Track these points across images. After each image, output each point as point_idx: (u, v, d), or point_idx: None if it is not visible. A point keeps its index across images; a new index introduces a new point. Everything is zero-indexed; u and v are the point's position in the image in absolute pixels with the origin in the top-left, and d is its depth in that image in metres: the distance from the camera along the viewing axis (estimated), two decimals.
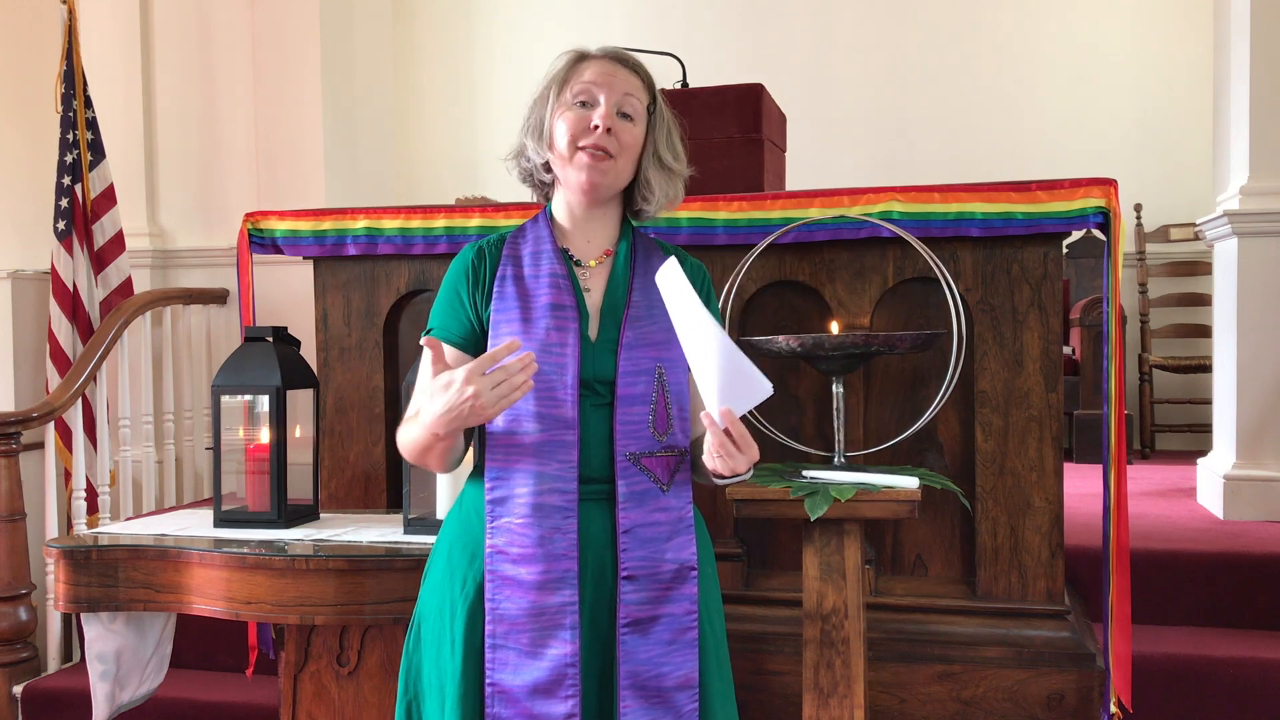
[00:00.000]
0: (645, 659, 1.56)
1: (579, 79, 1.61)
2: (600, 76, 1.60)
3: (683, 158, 1.69)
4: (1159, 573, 2.87)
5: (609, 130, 1.58)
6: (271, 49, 4.32)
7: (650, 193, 1.65)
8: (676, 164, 1.67)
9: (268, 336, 2.41)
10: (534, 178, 1.69)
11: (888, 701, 2.36)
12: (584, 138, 1.58)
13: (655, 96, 1.65)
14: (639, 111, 1.62)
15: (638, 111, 1.61)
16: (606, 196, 1.64)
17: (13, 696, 3.17)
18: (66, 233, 4.00)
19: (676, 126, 1.69)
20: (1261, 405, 3.37)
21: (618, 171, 1.61)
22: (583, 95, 1.60)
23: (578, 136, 1.59)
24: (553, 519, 1.54)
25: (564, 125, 1.60)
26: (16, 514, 3.24)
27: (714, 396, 1.42)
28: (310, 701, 2.22)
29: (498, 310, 1.60)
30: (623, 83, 1.61)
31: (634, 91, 1.61)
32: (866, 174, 4.88)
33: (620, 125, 1.59)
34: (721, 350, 1.40)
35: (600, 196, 1.63)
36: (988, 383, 2.39)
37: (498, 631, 1.55)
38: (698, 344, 1.43)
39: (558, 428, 1.55)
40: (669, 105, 1.69)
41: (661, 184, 1.65)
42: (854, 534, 2.01)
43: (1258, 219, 3.35)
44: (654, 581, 1.56)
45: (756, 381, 1.40)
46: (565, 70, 1.63)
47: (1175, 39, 5.34)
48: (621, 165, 1.61)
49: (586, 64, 1.63)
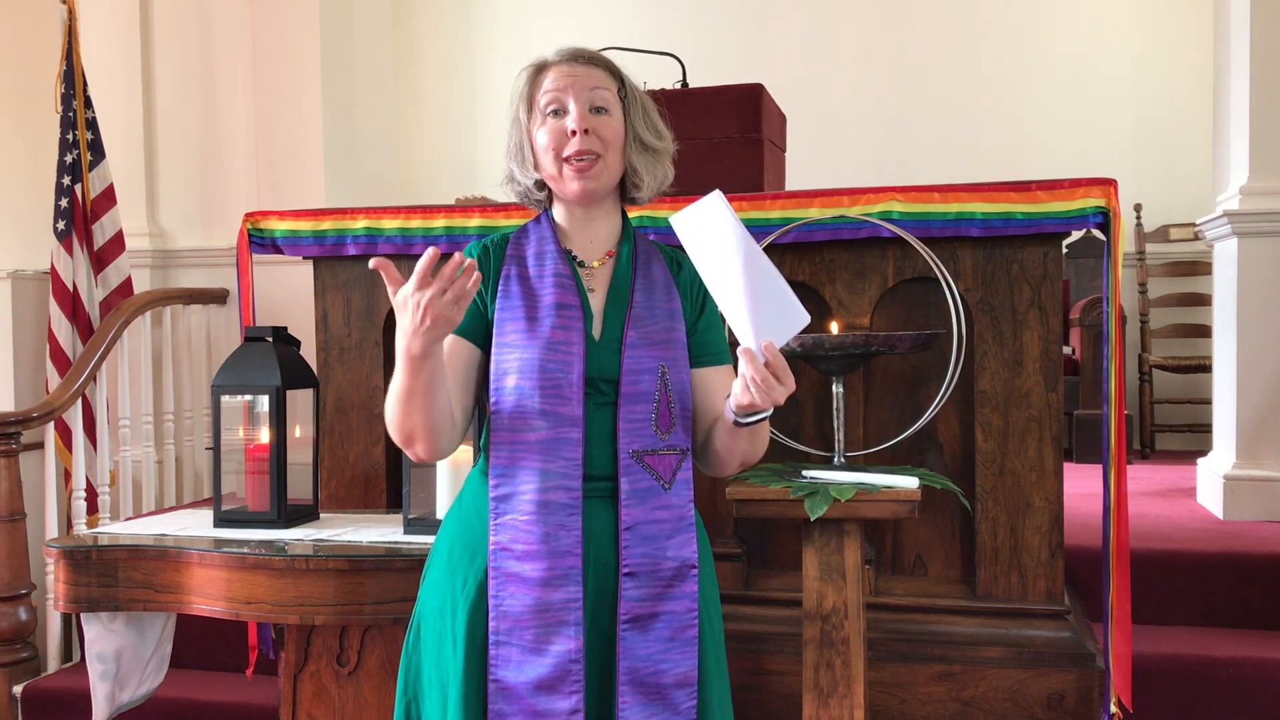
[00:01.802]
0: (645, 656, 1.56)
1: (543, 89, 1.61)
2: (563, 80, 1.60)
3: (665, 133, 1.68)
4: (1159, 573, 2.87)
5: (587, 131, 1.58)
6: (271, 49, 4.32)
7: (640, 179, 1.66)
8: (660, 142, 1.66)
9: (268, 336, 2.41)
10: (529, 197, 1.70)
11: (888, 701, 2.36)
12: (565, 147, 1.59)
13: (622, 80, 1.65)
14: (611, 102, 1.61)
15: (609, 102, 1.61)
16: (603, 196, 1.65)
17: (13, 696, 3.17)
18: (66, 233, 4.00)
19: (651, 103, 1.68)
20: (1261, 405, 3.37)
21: (608, 168, 1.61)
22: (552, 104, 1.60)
23: (559, 148, 1.59)
24: (557, 516, 1.54)
25: (543, 141, 1.61)
26: (16, 514, 3.24)
27: (749, 328, 1.43)
28: (310, 701, 2.22)
29: (502, 309, 1.61)
30: (586, 79, 1.60)
31: (600, 84, 1.61)
32: (866, 174, 4.89)
33: (597, 122, 1.59)
34: (765, 274, 1.40)
35: (597, 198, 1.64)
36: (988, 383, 2.39)
37: (501, 628, 1.55)
38: (733, 274, 1.42)
39: (563, 425, 1.55)
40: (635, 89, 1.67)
41: (649, 167, 1.65)
42: (854, 534, 2.01)
43: (1258, 219, 3.35)
44: (655, 579, 1.57)
45: (795, 309, 1.41)
46: (528, 85, 1.64)
47: (1175, 39, 5.34)
48: (610, 160, 1.61)
49: (546, 72, 1.63)
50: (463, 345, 1.61)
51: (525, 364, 1.56)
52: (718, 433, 1.62)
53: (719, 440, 1.62)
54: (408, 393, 1.49)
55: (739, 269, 1.42)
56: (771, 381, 1.43)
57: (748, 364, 1.43)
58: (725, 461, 1.64)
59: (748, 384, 1.44)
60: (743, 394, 1.46)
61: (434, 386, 1.49)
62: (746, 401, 1.46)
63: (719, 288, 1.47)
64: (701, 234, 1.47)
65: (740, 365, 1.44)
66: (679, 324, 1.64)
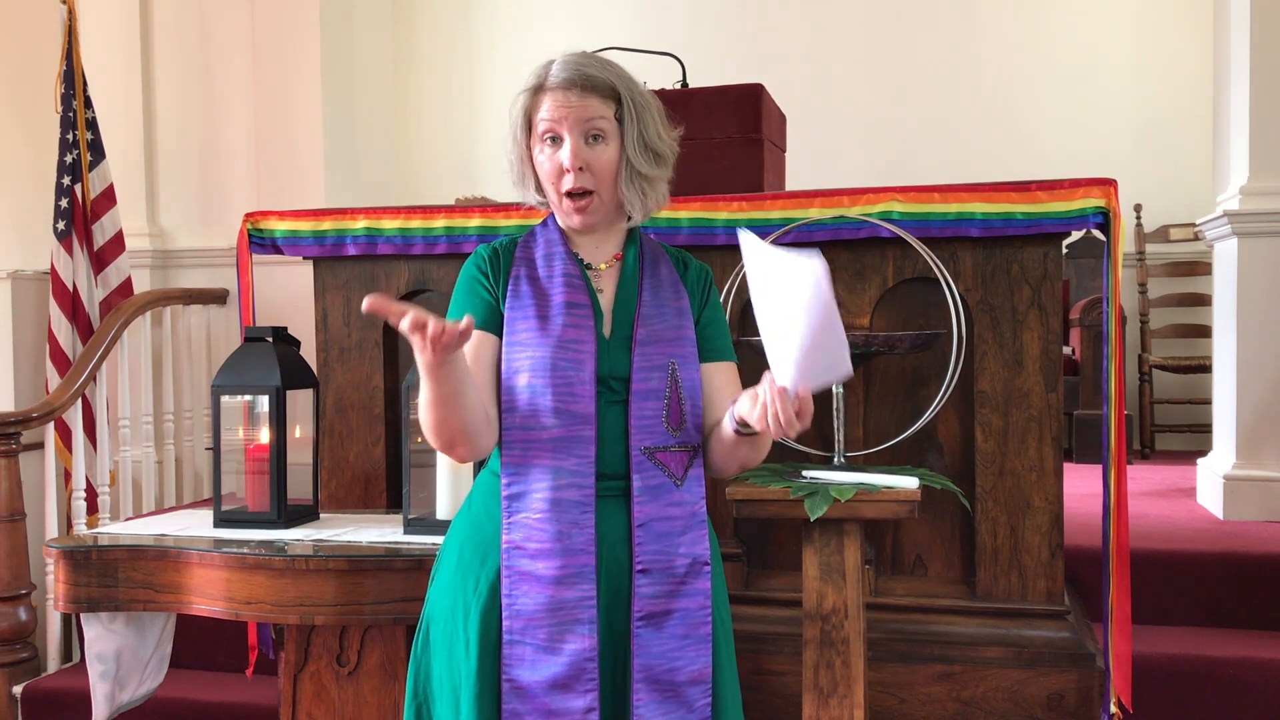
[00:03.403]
0: (659, 653, 1.56)
1: (540, 115, 1.61)
2: (558, 111, 1.59)
3: (664, 151, 1.64)
4: (1159, 573, 2.87)
5: (581, 169, 1.58)
6: (271, 49, 4.32)
7: (632, 209, 1.65)
8: (654, 170, 1.63)
9: (268, 337, 2.41)
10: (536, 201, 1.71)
11: (888, 701, 2.36)
12: (560, 183, 1.60)
13: (620, 99, 1.60)
14: (607, 129, 1.59)
15: (606, 130, 1.59)
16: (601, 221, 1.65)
17: (13, 696, 3.17)
18: (66, 233, 4.00)
19: (654, 111, 1.64)
20: (1261, 405, 3.37)
21: (603, 202, 1.62)
22: (548, 132, 1.60)
23: (555, 181, 1.61)
24: (570, 514, 1.55)
25: (544, 168, 1.62)
26: (16, 514, 3.24)
27: (793, 369, 1.40)
28: (310, 701, 2.22)
29: (513, 309, 1.61)
30: (580, 110, 1.58)
31: (596, 113, 1.58)
32: (866, 174, 4.88)
33: (591, 154, 1.58)
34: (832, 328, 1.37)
35: (595, 226, 1.65)
36: (988, 383, 2.39)
37: (515, 628, 1.55)
38: (799, 319, 1.39)
39: (576, 423, 1.56)
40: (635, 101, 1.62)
41: (638, 197, 1.63)
42: (854, 534, 2.01)
43: (1258, 219, 3.35)
44: (668, 576, 1.58)
45: (845, 362, 1.39)
46: (526, 107, 1.63)
47: (1175, 39, 5.34)
48: (604, 194, 1.61)
49: (544, 96, 1.61)
50: (488, 340, 1.61)
51: (537, 363, 1.56)
52: (717, 437, 1.62)
53: (719, 444, 1.62)
54: (438, 399, 1.49)
55: (808, 320, 1.38)
56: (793, 421, 1.42)
57: (778, 401, 1.41)
58: (724, 464, 1.65)
59: (767, 414, 1.42)
60: (758, 421, 1.44)
61: (462, 389, 1.49)
62: (761, 429, 1.45)
63: (772, 318, 1.43)
64: (774, 265, 1.43)
65: (765, 393, 1.42)
66: (688, 322, 1.65)
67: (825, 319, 1.37)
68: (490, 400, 1.59)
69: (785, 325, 1.41)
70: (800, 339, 1.39)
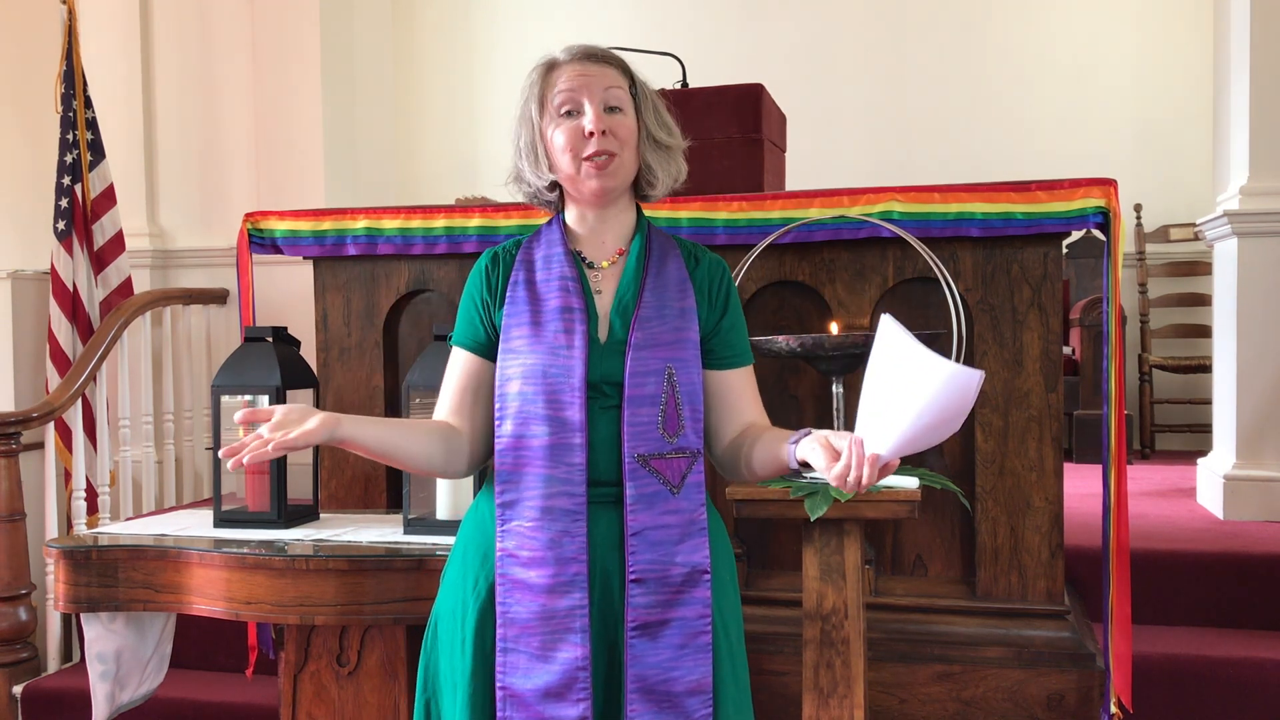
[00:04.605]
0: (654, 664, 1.54)
1: (556, 89, 1.60)
2: (577, 80, 1.59)
3: (675, 129, 1.67)
4: (1159, 573, 2.87)
5: (604, 132, 1.57)
6: (271, 49, 4.32)
7: (654, 177, 1.65)
8: (671, 139, 1.66)
9: (268, 336, 2.41)
10: (539, 198, 1.68)
11: (888, 701, 2.36)
12: (583, 148, 1.58)
13: (633, 77, 1.64)
14: (624, 100, 1.61)
15: (623, 101, 1.60)
16: (619, 194, 1.64)
17: (13, 696, 3.17)
18: (66, 233, 4.00)
19: (659, 99, 1.67)
20: (1261, 405, 3.37)
21: (625, 167, 1.60)
22: (566, 104, 1.59)
23: (577, 149, 1.58)
24: (562, 522, 1.54)
25: (559, 142, 1.59)
26: (16, 514, 3.24)
27: (894, 441, 1.37)
28: (310, 702, 2.22)
29: (509, 314, 1.61)
30: (599, 79, 1.59)
31: (613, 83, 1.60)
32: (866, 174, 4.88)
33: (612, 121, 1.58)
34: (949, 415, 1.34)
35: (613, 196, 1.63)
36: (987, 383, 2.39)
37: (508, 635, 1.55)
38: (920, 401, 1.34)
39: (565, 430, 1.54)
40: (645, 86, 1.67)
41: (662, 163, 1.65)
42: (854, 534, 2.01)
43: (1258, 219, 3.35)
44: (664, 585, 1.55)
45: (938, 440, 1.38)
46: (540, 84, 1.62)
47: (1175, 39, 5.34)
48: (626, 158, 1.60)
49: (559, 71, 1.61)
50: (477, 363, 1.64)
51: (528, 369, 1.56)
52: (760, 455, 1.58)
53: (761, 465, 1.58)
54: (379, 458, 1.61)
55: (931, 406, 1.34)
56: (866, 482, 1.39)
57: (866, 467, 1.37)
58: (756, 475, 1.62)
59: (846, 472, 1.39)
60: (835, 477, 1.40)
61: (386, 449, 1.60)
62: (832, 480, 1.41)
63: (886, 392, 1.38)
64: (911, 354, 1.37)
65: (850, 455, 1.38)
66: (690, 323, 1.61)
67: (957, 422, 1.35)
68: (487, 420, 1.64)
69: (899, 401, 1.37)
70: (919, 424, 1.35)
